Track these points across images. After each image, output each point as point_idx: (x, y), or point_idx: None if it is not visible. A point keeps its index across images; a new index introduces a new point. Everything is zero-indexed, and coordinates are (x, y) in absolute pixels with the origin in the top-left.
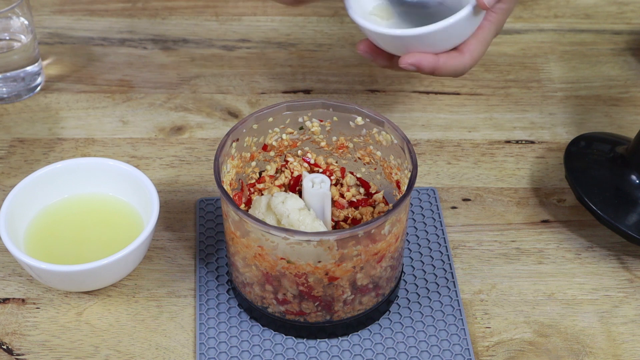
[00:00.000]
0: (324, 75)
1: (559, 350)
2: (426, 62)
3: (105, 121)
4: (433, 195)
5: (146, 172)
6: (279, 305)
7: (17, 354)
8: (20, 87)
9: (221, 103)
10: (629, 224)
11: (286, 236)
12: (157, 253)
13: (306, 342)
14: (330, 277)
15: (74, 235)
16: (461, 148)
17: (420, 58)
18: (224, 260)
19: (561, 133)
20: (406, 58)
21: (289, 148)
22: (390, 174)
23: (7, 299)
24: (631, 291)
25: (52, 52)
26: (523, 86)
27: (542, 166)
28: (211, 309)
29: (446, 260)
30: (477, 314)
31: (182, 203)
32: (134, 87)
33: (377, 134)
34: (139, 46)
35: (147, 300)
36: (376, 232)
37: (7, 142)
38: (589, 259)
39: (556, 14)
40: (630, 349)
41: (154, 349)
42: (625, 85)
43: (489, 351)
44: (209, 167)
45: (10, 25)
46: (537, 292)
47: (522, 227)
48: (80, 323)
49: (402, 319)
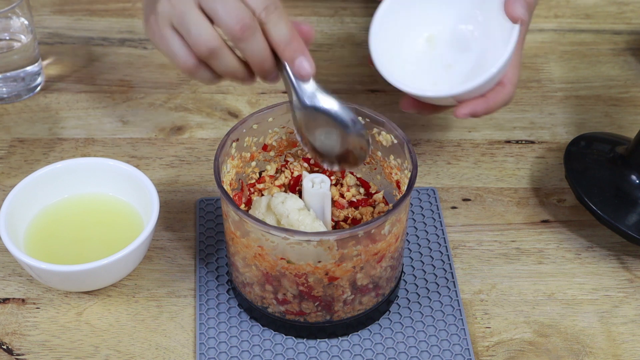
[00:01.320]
0: (324, 75)
1: (559, 350)
2: (480, 108)
3: (105, 121)
4: (433, 195)
5: (146, 172)
6: (279, 305)
7: (17, 354)
8: (20, 87)
9: (221, 103)
10: (629, 224)
11: (286, 236)
12: (157, 253)
13: (306, 342)
14: (330, 277)
15: (74, 235)
16: (461, 148)
17: (475, 106)
18: (224, 260)
19: (561, 133)
20: (462, 110)
21: (289, 148)
22: (390, 174)
23: (7, 299)
24: (631, 291)
25: (52, 52)
26: (523, 86)
27: (542, 166)
28: (211, 309)
29: (446, 260)
30: (477, 314)
31: (182, 203)
32: (134, 87)
33: (377, 134)
34: (139, 46)
35: (147, 300)
36: (376, 232)
37: (7, 142)
38: (589, 259)
39: (556, 14)
40: (630, 349)
41: (154, 349)
42: (625, 85)
43: (489, 351)
44: (209, 167)
45: (10, 25)
46: (537, 292)
47: (522, 227)
48: (80, 323)
49: (402, 319)
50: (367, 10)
